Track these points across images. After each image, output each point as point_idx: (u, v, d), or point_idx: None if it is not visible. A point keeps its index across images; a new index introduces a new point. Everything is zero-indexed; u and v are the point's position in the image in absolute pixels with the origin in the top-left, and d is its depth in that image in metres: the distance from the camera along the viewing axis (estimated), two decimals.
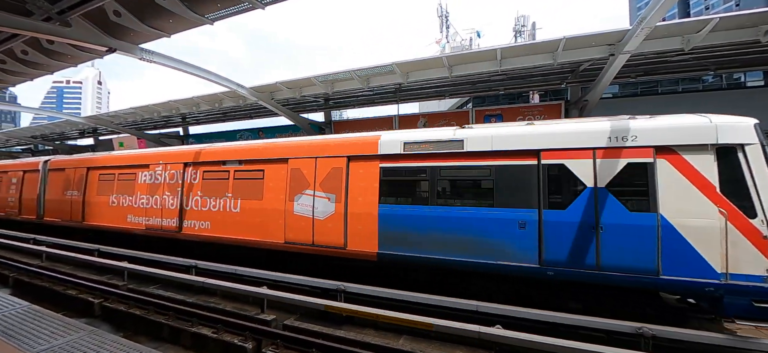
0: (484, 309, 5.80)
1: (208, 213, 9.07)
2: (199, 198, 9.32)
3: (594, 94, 11.39)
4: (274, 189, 8.23)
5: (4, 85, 13.28)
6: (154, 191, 10.21)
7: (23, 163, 15.44)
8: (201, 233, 9.19)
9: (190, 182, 9.60)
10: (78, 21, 7.65)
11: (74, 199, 12.23)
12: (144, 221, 10.26)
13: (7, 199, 15.13)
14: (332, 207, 7.45)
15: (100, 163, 12.19)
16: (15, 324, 4.45)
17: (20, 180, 14.64)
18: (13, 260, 10.53)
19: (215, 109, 17.14)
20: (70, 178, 12.59)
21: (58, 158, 14.05)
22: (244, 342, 5.52)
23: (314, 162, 7.83)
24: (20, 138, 28.82)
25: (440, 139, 6.79)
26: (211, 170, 9.37)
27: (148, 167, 10.53)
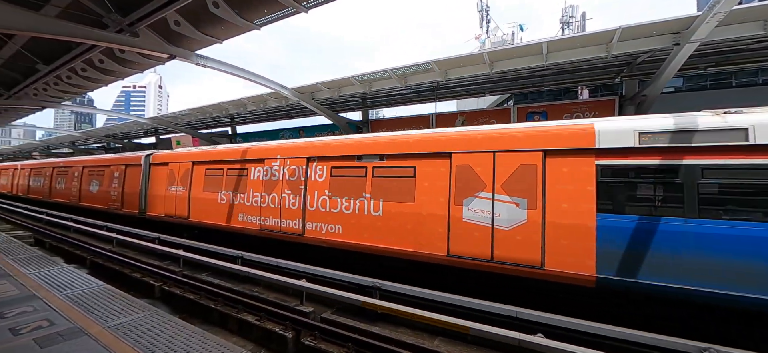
0: (525, 316, 5.51)
1: (340, 216, 7.91)
2: (327, 198, 8.15)
3: (654, 88, 10.37)
4: (430, 190, 6.85)
5: (84, 90, 15.09)
6: (271, 188, 9.21)
7: (125, 157, 15.35)
8: (329, 237, 8.07)
9: (316, 180, 8.45)
10: (145, 31, 8.48)
11: (179, 195, 11.72)
12: (258, 221, 9.35)
13: (110, 193, 15.11)
14: (522, 215, 5.93)
15: (206, 157, 11.38)
16: (93, 301, 5.06)
17: (122, 174, 14.51)
18: (90, 244, 11.99)
19: (260, 109, 18.12)
20: (174, 173, 12.14)
21: (160, 153, 13.78)
22: (285, 331, 5.79)
23: (491, 158, 6.36)
24: (96, 137, 32.63)
25: (705, 127, 5.02)
26: (342, 167, 8.16)
27: (263, 163, 9.58)
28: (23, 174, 25.51)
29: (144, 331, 4.14)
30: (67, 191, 18.77)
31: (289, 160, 9.05)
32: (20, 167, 26.43)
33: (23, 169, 25.73)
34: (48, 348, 3.74)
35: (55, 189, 20.16)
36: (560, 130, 6.01)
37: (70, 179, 18.65)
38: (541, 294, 6.22)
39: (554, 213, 5.76)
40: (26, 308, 4.79)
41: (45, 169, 22.02)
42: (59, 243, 12.79)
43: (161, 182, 12.70)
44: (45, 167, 22.22)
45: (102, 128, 31.07)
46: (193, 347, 3.84)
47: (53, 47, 10.77)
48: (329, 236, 8.08)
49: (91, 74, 12.21)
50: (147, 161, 13.62)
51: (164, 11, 7.69)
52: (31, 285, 5.80)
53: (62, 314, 4.56)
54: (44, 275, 6.41)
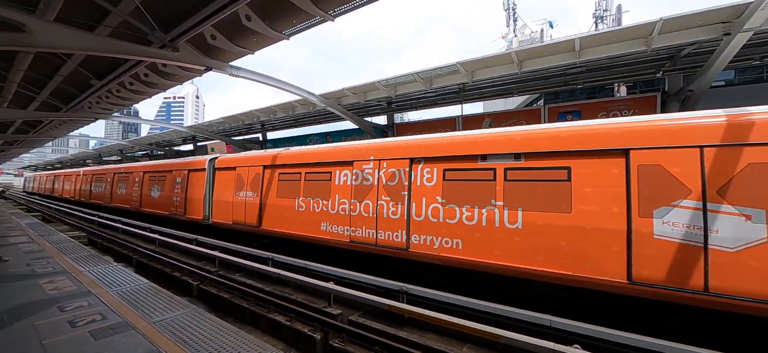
0: (559, 325, 5.26)
1: (458, 228, 6.59)
2: (440, 206, 6.84)
3: (701, 82, 9.61)
4: (596, 197, 5.49)
5: (131, 102, 16.36)
6: (363, 194, 8.04)
7: (187, 162, 14.62)
8: (445, 253, 6.72)
9: (423, 185, 7.18)
10: (184, 46, 9.08)
11: (249, 201, 10.82)
12: (346, 232, 8.20)
13: (172, 198, 14.62)
14: (759, 231, 4.45)
15: (280, 160, 10.37)
16: (139, 298, 5.44)
17: (185, 180, 13.91)
18: (136, 244, 12.92)
19: (289, 115, 18.73)
20: (243, 177, 11.30)
21: (226, 156, 13.03)
22: (314, 332, 5.91)
23: (698, 154, 4.86)
24: (141, 145, 35.14)
25: None
26: (459, 169, 6.83)
27: (351, 165, 8.42)
28: (85, 180, 26.17)
29: (185, 328, 4.39)
30: (127, 196, 18.78)
31: (386, 162, 7.85)
32: (82, 173, 27.33)
33: (85, 175, 26.49)
34: (101, 340, 4.06)
35: (116, 195, 20.44)
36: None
37: (130, 185, 18.62)
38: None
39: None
40: (82, 302, 5.24)
41: (106, 175, 22.44)
42: (109, 243, 13.87)
43: (228, 187, 11.89)
44: (106, 173, 22.63)
45: (145, 137, 33.42)
46: (229, 344, 4.03)
47: (105, 64, 11.79)
48: (444, 252, 6.75)
49: (137, 87, 13.21)
50: (212, 165, 12.95)
51: (202, 26, 8.19)
52: (86, 281, 6.34)
53: (113, 309, 4.95)
54: (97, 272, 6.98)
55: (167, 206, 14.93)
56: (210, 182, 12.84)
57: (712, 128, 4.91)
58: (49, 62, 11.57)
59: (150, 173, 17.06)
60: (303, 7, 7.41)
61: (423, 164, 7.37)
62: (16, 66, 11.37)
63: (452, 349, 5.37)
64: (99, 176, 23.74)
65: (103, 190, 22.38)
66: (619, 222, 5.23)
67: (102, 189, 22.51)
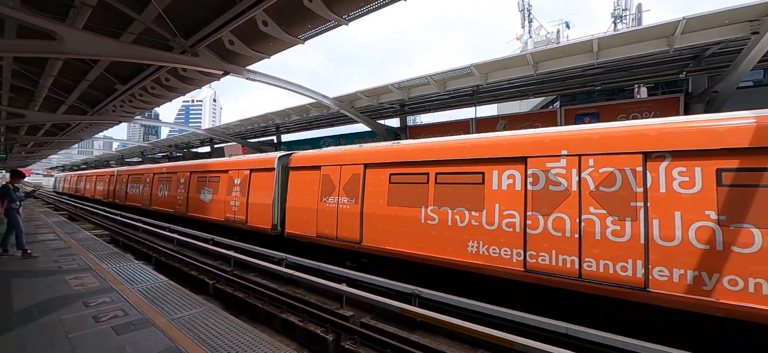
0: (576, 334, 5.14)
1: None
2: (719, 228, 4.45)
3: (728, 83, 9.23)
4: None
5: (152, 106, 16.97)
6: (551, 204, 5.71)
7: (249, 160, 12.34)
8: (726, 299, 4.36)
9: (673, 192, 4.83)
10: (204, 51, 9.36)
11: (343, 209, 8.49)
12: (519, 258, 5.92)
13: (229, 203, 12.38)
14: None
15: (392, 157, 8.00)
16: (159, 295, 5.61)
17: (246, 181, 11.84)
18: (155, 243, 13.33)
19: (303, 118, 19.02)
20: (332, 179, 9.03)
21: (303, 154, 10.61)
22: (326, 333, 5.95)
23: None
24: (161, 146, 36.32)
25: None
26: (751, 170, 4.40)
27: (524, 163, 6.11)
28: (120, 181, 24.34)
29: (202, 325, 4.51)
30: (171, 199, 16.73)
31: (594, 158, 5.48)
32: (117, 173, 25.46)
33: (120, 175, 24.62)
34: (123, 336, 4.21)
35: (156, 197, 18.34)
36: None
37: (174, 186, 16.58)
38: None
39: None
40: (105, 298, 5.45)
41: (144, 175, 20.24)
42: (130, 241, 14.36)
43: (307, 191, 9.62)
44: (144, 173, 20.48)
45: (165, 139, 34.52)
46: (245, 342, 4.11)
47: (129, 69, 12.29)
48: (737, 301, 4.28)
49: (158, 91, 13.69)
50: (283, 163, 10.92)
51: (220, 32, 8.43)
52: (109, 278, 6.59)
53: (134, 305, 5.13)
54: (119, 269, 7.25)
55: (222, 211, 12.81)
56: (281, 184, 10.77)
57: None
58: (77, 68, 12.14)
59: (199, 173, 14.88)
60: (318, 12, 7.53)
61: (671, 162, 4.90)
62: (47, 72, 11.98)
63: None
64: (136, 177, 21.75)
65: (141, 192, 20.43)
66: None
67: (140, 191, 20.61)
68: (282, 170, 10.91)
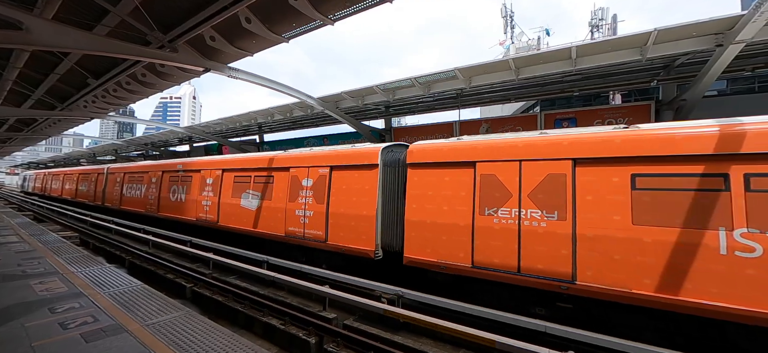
0: (554, 332, 5.29)
1: None
2: None
3: (694, 92, 9.76)
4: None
5: (127, 102, 16.29)
6: None
7: (330, 154, 9.02)
8: None
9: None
10: (183, 47, 9.08)
11: (533, 230, 5.83)
12: None
13: (295, 213, 9.24)
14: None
15: (642, 148, 5.20)
16: (133, 300, 5.38)
17: (323, 183, 8.78)
18: (129, 245, 12.77)
19: (286, 118, 18.74)
20: (500, 182, 6.28)
21: (437, 145, 7.37)
22: (308, 336, 5.88)
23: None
24: (136, 145, 34.91)
25: None
26: None
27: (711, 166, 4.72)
28: (113, 180, 19.85)
29: (178, 331, 4.35)
30: (191, 206, 13.03)
31: None
32: (107, 171, 20.91)
33: (112, 174, 20.27)
34: (93, 343, 4.01)
35: (167, 202, 14.59)
36: None
37: (197, 189, 12.95)
38: None
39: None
40: (74, 304, 5.17)
41: (149, 173, 16.46)
42: (102, 244, 13.71)
43: (447, 198, 6.84)
44: (148, 171, 16.73)
45: (141, 137, 33.21)
46: (223, 347, 3.99)
47: (102, 63, 11.74)
48: None
49: (134, 87, 13.16)
50: (392, 158, 8.03)
51: (201, 28, 8.20)
52: (78, 282, 6.27)
53: (105, 311, 4.89)
54: (89, 273, 6.90)
55: (280, 224, 9.50)
56: (390, 186, 7.91)
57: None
58: (45, 60, 11.50)
59: (238, 171, 11.41)
60: (303, 11, 7.45)
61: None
62: (11, 64, 11.29)
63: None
64: (136, 176, 17.61)
65: (143, 195, 16.57)
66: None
67: (142, 193, 16.69)
68: (395, 167, 7.88)
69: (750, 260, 4.34)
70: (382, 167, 8.06)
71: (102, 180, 21.32)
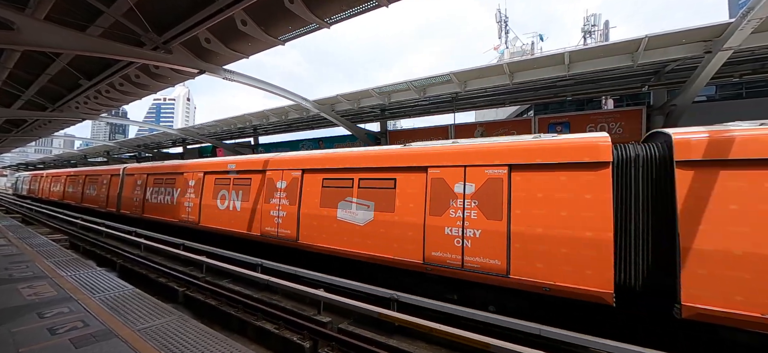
0: (548, 335, 5.33)
1: None
2: None
3: (684, 97, 9.94)
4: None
5: (120, 103, 16.09)
6: None
7: (501, 147, 6.40)
8: None
9: None
10: (178, 48, 9.01)
11: None
12: None
13: (443, 231, 6.61)
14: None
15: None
16: (123, 304, 5.29)
17: (497, 188, 6.21)
18: (120, 248, 12.59)
19: (282, 121, 18.66)
20: None
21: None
22: (303, 340, 5.83)
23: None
24: (129, 146, 34.46)
25: None
26: None
27: None
28: (131, 184, 16.75)
29: (170, 336, 4.29)
30: (254, 217, 10.02)
31: None
32: (124, 172, 17.73)
33: (131, 176, 16.99)
34: (82, 349, 3.93)
35: (213, 212, 11.55)
36: None
37: (263, 193, 9.87)
38: None
39: None
40: (63, 309, 5.08)
41: (186, 175, 13.17)
42: (92, 247, 13.49)
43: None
44: (185, 172, 13.27)
45: (134, 139, 32.80)
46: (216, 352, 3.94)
47: (95, 64, 11.61)
48: None
49: (127, 88, 13.01)
50: (662, 149, 5.33)
51: (196, 30, 8.15)
52: (67, 287, 6.15)
53: (95, 316, 4.81)
54: (79, 277, 6.78)
55: (409, 247, 6.94)
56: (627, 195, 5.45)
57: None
58: (36, 61, 11.34)
59: (330, 172, 8.53)
60: (299, 14, 7.45)
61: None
62: (1, 64, 11.11)
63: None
64: (163, 178, 14.61)
65: (175, 201, 13.45)
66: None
67: (173, 199, 13.63)
68: (663, 163, 5.27)
69: None
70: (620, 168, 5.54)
71: (117, 183, 18.11)
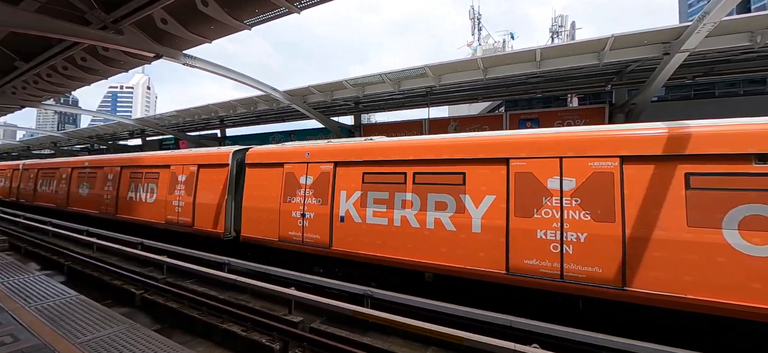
0: (519, 325, 5.42)
1: None
2: None
3: (643, 97, 10.52)
4: None
5: (65, 89, 14.59)
6: None
7: None
8: None
9: None
10: (129, 29, 8.20)
11: None
12: None
13: None
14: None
15: None
16: (65, 314, 4.73)
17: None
18: (68, 249, 11.46)
19: (250, 112, 17.81)
20: None
21: None
22: (272, 342, 5.55)
23: None
24: (79, 137, 31.66)
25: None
26: None
27: None
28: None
29: (117, 348, 3.86)
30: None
31: None
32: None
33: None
34: None
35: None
36: None
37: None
38: None
39: None
40: None
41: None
42: (36, 248, 12.20)
43: None
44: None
45: (86, 129, 30.20)
46: None
47: (33, 44, 10.34)
48: None
49: (72, 73, 11.77)
50: None
51: (150, 9, 7.43)
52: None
53: (28, 328, 4.24)
54: (13, 284, 6.02)
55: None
56: None
57: None
58: None
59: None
60: None
61: None
62: None
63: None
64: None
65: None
66: None
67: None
68: None
69: None
70: None
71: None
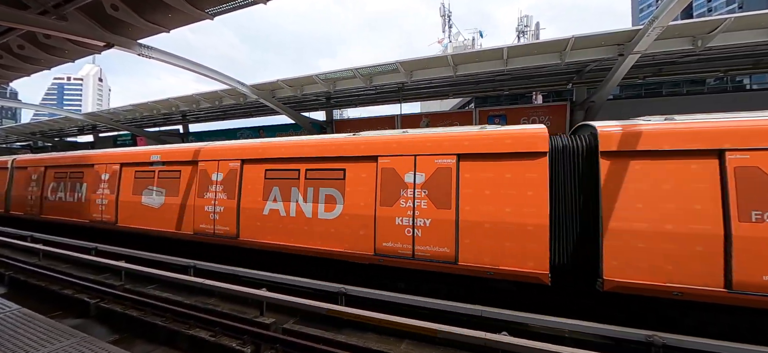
0: (489, 315, 5.64)
1: None
2: None
3: (601, 95, 11.22)
4: None
5: (2, 80, 13.07)
6: None
7: None
8: None
9: None
10: (74, 15, 7.46)
11: None
12: None
13: None
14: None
15: None
16: (4, 331, 4.27)
17: None
18: (10, 257, 10.37)
19: (215, 107, 16.96)
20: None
21: None
22: (243, 346, 5.37)
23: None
24: (19, 134, 28.67)
25: None
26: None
27: None
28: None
29: None
30: None
31: None
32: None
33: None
34: None
35: None
36: None
37: None
38: None
39: None
40: None
41: None
42: None
43: None
44: None
45: (27, 125, 27.38)
46: None
47: None
48: None
49: (8, 62, 10.56)
50: None
51: None
52: None
53: None
54: None
55: None
56: None
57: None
58: None
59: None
60: None
61: None
62: None
63: (392, 348, 5.32)
64: None
65: None
66: None
67: None
68: None
69: None
70: None
71: None
